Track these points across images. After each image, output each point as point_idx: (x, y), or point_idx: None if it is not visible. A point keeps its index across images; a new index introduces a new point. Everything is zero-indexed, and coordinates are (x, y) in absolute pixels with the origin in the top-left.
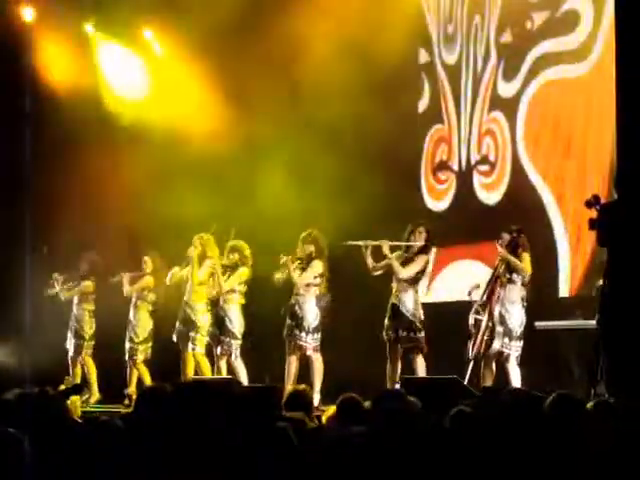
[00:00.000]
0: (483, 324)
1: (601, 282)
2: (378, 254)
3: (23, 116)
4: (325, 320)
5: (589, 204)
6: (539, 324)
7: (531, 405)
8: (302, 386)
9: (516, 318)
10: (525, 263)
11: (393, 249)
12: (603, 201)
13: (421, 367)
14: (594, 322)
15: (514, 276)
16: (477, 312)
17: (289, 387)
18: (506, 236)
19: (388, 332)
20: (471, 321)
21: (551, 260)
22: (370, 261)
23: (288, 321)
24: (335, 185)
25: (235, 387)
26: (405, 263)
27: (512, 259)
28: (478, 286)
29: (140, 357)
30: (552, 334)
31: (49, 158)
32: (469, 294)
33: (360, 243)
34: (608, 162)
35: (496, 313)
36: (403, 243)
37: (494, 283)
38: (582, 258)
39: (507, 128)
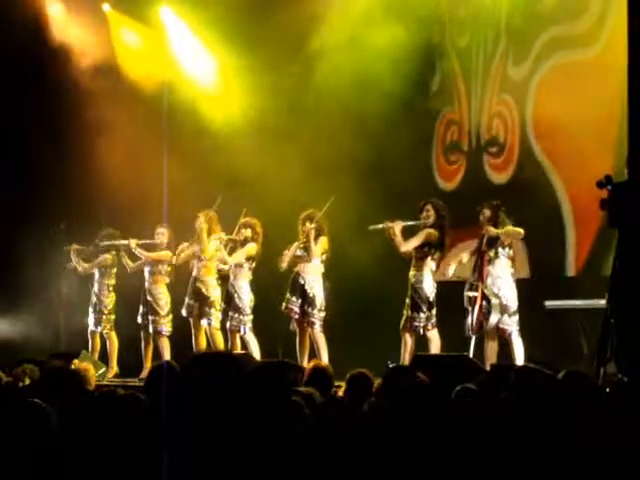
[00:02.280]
0: (477, 301)
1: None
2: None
3: (44, 95)
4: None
5: (600, 184)
6: (549, 303)
7: (540, 382)
8: (323, 362)
9: (509, 293)
10: (512, 228)
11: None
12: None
13: (434, 345)
14: (604, 301)
15: (500, 251)
16: (470, 289)
17: (311, 363)
18: (487, 212)
19: (404, 310)
20: (466, 299)
21: (558, 240)
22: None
23: (298, 300)
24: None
25: (247, 362)
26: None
27: (500, 231)
28: (460, 262)
29: (165, 330)
30: (561, 313)
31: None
32: (451, 272)
33: (379, 226)
34: (616, 144)
35: (487, 290)
36: (413, 222)
37: (481, 260)
38: (588, 238)
39: (516, 110)
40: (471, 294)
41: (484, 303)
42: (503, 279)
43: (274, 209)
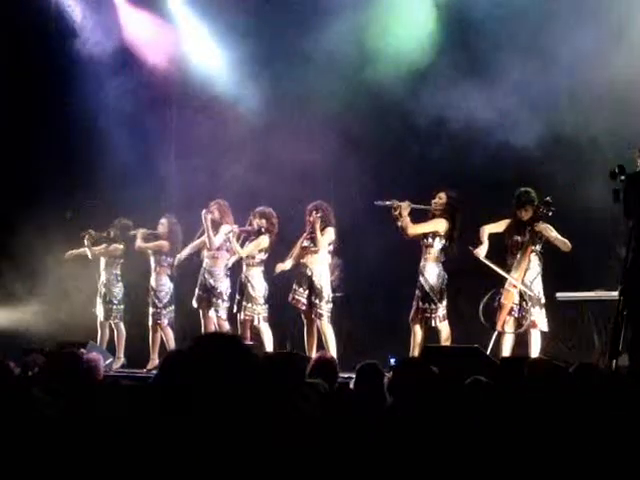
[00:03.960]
0: (514, 296)
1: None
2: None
3: (56, 83)
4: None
5: (613, 175)
6: (560, 295)
7: (552, 374)
8: (329, 354)
9: (540, 287)
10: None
11: (415, 212)
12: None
13: (444, 337)
14: (616, 293)
15: (539, 247)
16: (509, 284)
17: (316, 355)
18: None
19: (413, 301)
20: (505, 293)
21: None
22: (399, 223)
23: (305, 291)
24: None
25: (256, 353)
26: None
27: (556, 235)
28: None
29: (164, 321)
30: (574, 305)
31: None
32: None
33: (387, 203)
34: None
35: (525, 285)
36: (423, 206)
37: (524, 253)
38: None
39: None
40: (508, 289)
41: (520, 298)
42: (536, 273)
43: (286, 198)
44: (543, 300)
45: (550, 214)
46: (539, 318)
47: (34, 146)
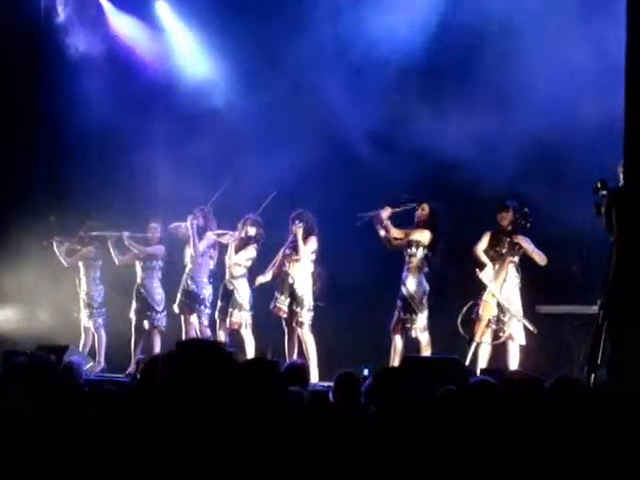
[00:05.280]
0: (491, 307)
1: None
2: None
3: (38, 92)
4: (317, 298)
5: (596, 190)
6: (541, 308)
7: (529, 387)
8: (299, 360)
9: (518, 299)
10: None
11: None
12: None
13: (424, 347)
14: (596, 307)
15: (517, 258)
16: (486, 294)
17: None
18: (514, 216)
19: (395, 311)
20: (483, 304)
21: None
22: (383, 233)
23: (287, 299)
24: None
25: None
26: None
27: (531, 249)
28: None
29: (160, 326)
30: (554, 318)
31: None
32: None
33: (369, 214)
34: None
35: (502, 296)
36: (402, 208)
37: (502, 264)
38: None
39: None
40: (486, 300)
41: (498, 309)
42: (514, 285)
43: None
44: (521, 312)
45: (528, 225)
46: (516, 331)
47: (18, 148)
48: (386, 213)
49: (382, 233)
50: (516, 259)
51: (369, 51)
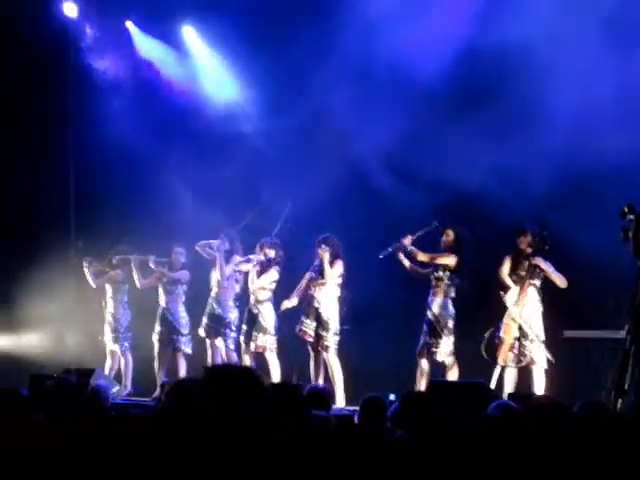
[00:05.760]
0: (512, 330)
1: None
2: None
3: (65, 115)
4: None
5: (623, 214)
6: (568, 333)
7: (556, 412)
8: (321, 385)
9: (539, 323)
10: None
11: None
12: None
13: (450, 371)
14: (623, 332)
15: (537, 281)
16: (508, 317)
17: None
18: (531, 238)
19: (421, 336)
20: (504, 326)
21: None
22: (407, 263)
23: (312, 323)
24: None
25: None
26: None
27: (551, 271)
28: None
29: (187, 350)
30: (581, 342)
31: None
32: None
33: (389, 249)
34: None
35: (523, 319)
36: (423, 231)
37: (522, 286)
38: None
39: None
40: (507, 323)
41: (520, 333)
42: (535, 309)
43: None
44: (543, 337)
45: (547, 247)
46: (538, 355)
47: (45, 172)
48: (407, 241)
49: (407, 264)
50: (537, 282)
51: (393, 77)
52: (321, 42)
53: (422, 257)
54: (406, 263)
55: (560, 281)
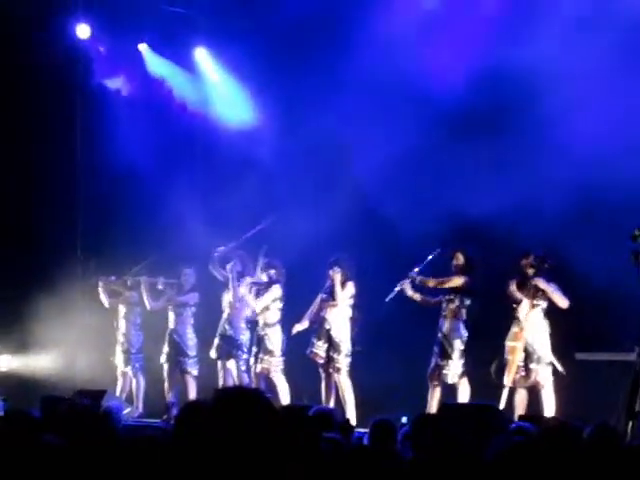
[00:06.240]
0: (517, 351)
1: None
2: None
3: (75, 135)
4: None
5: (634, 238)
6: (580, 355)
7: (567, 434)
8: (327, 407)
9: (545, 343)
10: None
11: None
12: None
13: (462, 394)
14: (634, 354)
15: (541, 301)
16: (512, 339)
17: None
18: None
19: (432, 358)
20: (507, 348)
21: None
22: (418, 296)
23: (324, 344)
24: None
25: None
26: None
27: (551, 290)
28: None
29: (194, 372)
30: (592, 365)
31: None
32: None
33: (396, 290)
34: None
35: (527, 340)
36: (426, 261)
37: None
38: None
39: None
40: (512, 344)
41: (523, 353)
42: (540, 330)
43: (299, 249)
44: (548, 358)
45: (546, 266)
46: (543, 376)
47: (58, 191)
48: (417, 279)
49: (417, 297)
50: (542, 303)
51: (406, 99)
52: (334, 64)
53: (432, 283)
54: (416, 297)
55: (561, 301)
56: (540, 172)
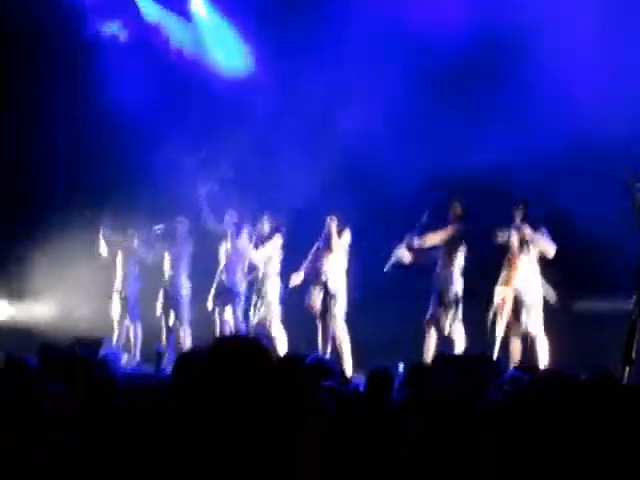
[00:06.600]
0: (507, 300)
1: None
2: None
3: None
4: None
5: (632, 183)
6: (575, 304)
7: (565, 383)
8: (326, 356)
9: (536, 292)
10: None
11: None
12: None
13: (458, 343)
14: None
15: (531, 249)
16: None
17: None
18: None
19: (430, 305)
20: (497, 296)
21: None
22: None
23: (319, 293)
24: None
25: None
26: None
27: (539, 239)
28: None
29: (186, 319)
30: (588, 314)
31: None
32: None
33: (392, 261)
34: None
35: (518, 288)
36: (420, 223)
37: (513, 257)
38: None
39: None
40: (501, 288)
41: (513, 302)
42: (529, 277)
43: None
44: (539, 304)
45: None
46: (534, 327)
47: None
48: (403, 254)
49: (416, 259)
50: (528, 251)
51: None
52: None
53: (433, 241)
54: (415, 258)
55: (546, 248)
56: (534, 122)
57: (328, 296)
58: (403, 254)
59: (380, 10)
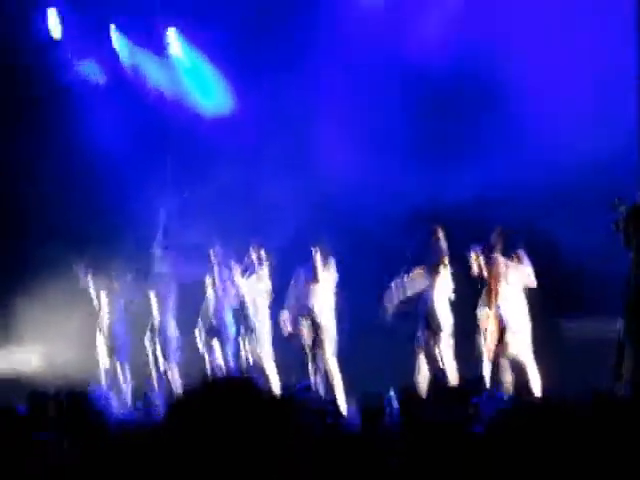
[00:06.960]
0: (491, 322)
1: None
2: None
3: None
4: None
5: (614, 206)
6: (563, 323)
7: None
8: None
9: (521, 314)
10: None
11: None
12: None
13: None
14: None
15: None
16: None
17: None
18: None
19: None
20: (480, 318)
21: None
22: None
23: (309, 325)
24: None
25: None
26: None
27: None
28: None
29: (175, 362)
30: (577, 334)
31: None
32: None
33: (393, 302)
34: None
35: (501, 311)
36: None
37: (495, 281)
38: None
39: None
40: (483, 311)
41: (497, 325)
42: (514, 303)
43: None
44: (520, 328)
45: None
46: (520, 348)
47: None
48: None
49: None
50: (509, 278)
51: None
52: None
53: (421, 278)
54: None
55: (526, 279)
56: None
57: (317, 329)
58: (392, 298)
59: (358, 49)
